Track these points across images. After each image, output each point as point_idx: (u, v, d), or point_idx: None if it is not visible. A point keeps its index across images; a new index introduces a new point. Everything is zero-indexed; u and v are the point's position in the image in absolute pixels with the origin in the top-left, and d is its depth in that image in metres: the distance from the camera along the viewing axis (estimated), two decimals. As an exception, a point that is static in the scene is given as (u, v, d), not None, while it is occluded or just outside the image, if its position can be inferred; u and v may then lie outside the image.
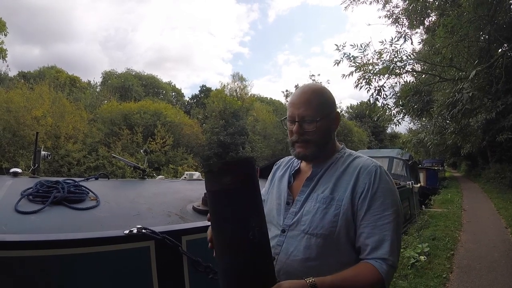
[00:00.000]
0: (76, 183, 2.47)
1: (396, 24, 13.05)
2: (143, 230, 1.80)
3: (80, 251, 1.64)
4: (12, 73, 45.60)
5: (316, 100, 1.49)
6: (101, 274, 1.70)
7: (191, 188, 3.19)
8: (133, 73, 57.57)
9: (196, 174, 3.88)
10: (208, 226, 2.15)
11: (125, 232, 1.77)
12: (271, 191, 1.71)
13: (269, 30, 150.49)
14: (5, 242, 1.53)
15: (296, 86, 38.85)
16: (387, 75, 8.70)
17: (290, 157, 1.78)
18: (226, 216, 1.15)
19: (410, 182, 10.49)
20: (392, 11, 13.16)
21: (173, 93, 66.72)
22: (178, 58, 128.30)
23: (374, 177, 1.40)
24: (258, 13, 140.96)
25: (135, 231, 1.78)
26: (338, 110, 1.63)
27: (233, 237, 1.14)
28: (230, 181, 1.13)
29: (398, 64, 8.58)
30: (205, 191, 2.61)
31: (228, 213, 1.15)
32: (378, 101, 9.20)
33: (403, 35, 9.28)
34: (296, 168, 1.65)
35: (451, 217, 10.88)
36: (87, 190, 2.40)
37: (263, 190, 1.76)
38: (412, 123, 33.77)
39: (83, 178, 2.83)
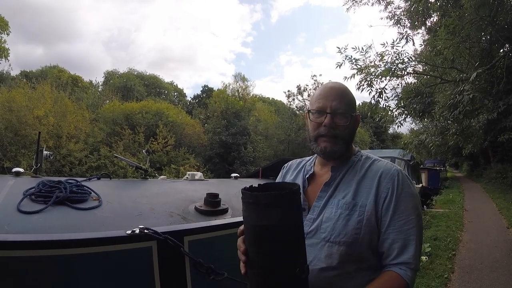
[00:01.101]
0: (78, 183, 2.47)
1: (398, 25, 13.04)
2: (145, 230, 1.80)
3: (82, 251, 1.65)
4: (15, 72, 45.76)
5: (348, 96, 1.48)
6: (104, 274, 1.71)
7: (193, 188, 3.19)
8: (135, 73, 57.69)
9: (198, 174, 3.87)
10: (211, 226, 2.17)
11: (127, 232, 1.78)
12: None
13: (271, 30, 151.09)
14: (8, 242, 1.54)
15: (298, 86, 39.22)
16: (389, 77, 8.70)
17: (299, 160, 1.74)
18: (273, 251, 1.08)
19: (411, 183, 10.49)
20: (394, 12, 13.15)
21: (175, 93, 66.76)
22: (181, 58, 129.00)
23: (397, 181, 1.37)
24: (260, 13, 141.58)
25: (137, 231, 1.79)
26: None
27: (280, 274, 1.09)
28: (279, 215, 1.06)
29: (400, 66, 8.57)
30: (206, 194, 2.63)
31: (275, 249, 1.08)
32: (380, 103, 9.20)
33: (405, 36, 9.26)
34: (311, 172, 1.58)
35: (452, 217, 10.89)
36: (89, 190, 2.41)
37: None
38: (414, 124, 33.73)
39: (85, 178, 2.84)
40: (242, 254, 1.18)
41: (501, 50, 8.55)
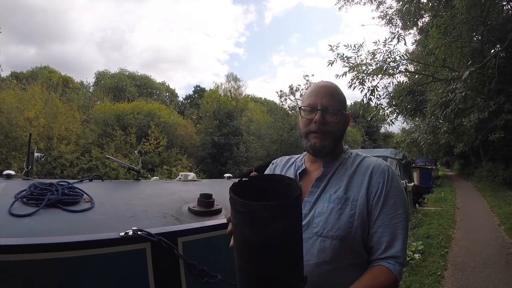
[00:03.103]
0: (70, 185, 2.44)
1: (390, 25, 13.12)
2: (139, 232, 1.78)
3: (75, 254, 1.63)
4: (6, 73, 45.29)
5: (338, 95, 1.50)
6: (97, 276, 1.69)
7: (186, 189, 3.17)
8: (127, 73, 57.38)
9: (191, 175, 3.84)
10: (205, 227, 2.15)
11: (120, 234, 1.76)
12: None
13: (265, 31, 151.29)
14: (-1, 245, 1.52)
15: (291, 86, 39.30)
16: (380, 75, 8.74)
17: (288, 157, 1.75)
18: (268, 266, 0.96)
19: (403, 181, 10.55)
20: (386, 12, 13.23)
21: (167, 94, 66.56)
22: (174, 59, 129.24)
23: (387, 177, 1.40)
24: (254, 14, 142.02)
25: (130, 233, 1.77)
26: None
27: (276, 285, 0.98)
28: (279, 228, 0.92)
29: (392, 64, 8.62)
30: (198, 194, 2.61)
31: (271, 264, 0.96)
32: (372, 101, 9.24)
33: (397, 35, 9.33)
34: (302, 168, 1.59)
35: (444, 215, 10.96)
36: (81, 192, 2.38)
37: None
38: (405, 123, 33.97)
39: (77, 180, 2.80)
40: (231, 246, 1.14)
41: (492, 50, 8.64)
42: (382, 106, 9.79)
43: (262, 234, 0.92)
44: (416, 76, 9.72)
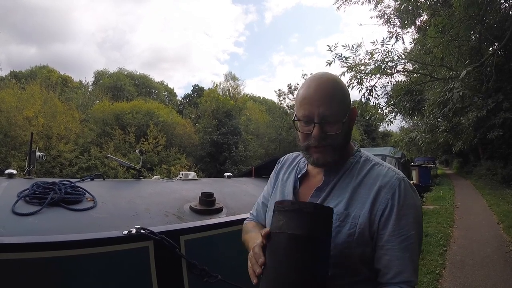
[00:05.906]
0: (73, 184, 2.46)
1: (388, 24, 13.12)
2: (142, 231, 1.80)
3: (79, 253, 1.64)
4: (5, 72, 45.20)
5: (338, 95, 1.25)
6: (101, 274, 1.71)
7: (187, 188, 3.20)
8: (125, 72, 57.28)
9: (192, 174, 3.86)
10: (207, 225, 2.17)
11: (124, 232, 1.78)
12: (274, 196, 1.49)
13: (265, 31, 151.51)
14: (3, 244, 1.53)
15: (289, 86, 39.17)
16: (379, 75, 8.74)
17: (295, 154, 1.58)
18: (304, 265, 0.98)
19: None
20: (384, 11, 13.22)
21: (166, 93, 66.47)
22: (174, 59, 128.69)
23: (398, 192, 1.20)
24: (254, 14, 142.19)
25: (133, 231, 1.79)
26: None
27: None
28: (322, 228, 1.02)
29: (390, 64, 8.63)
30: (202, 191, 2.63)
31: (307, 263, 0.98)
32: (370, 101, 9.25)
33: (395, 35, 9.34)
34: (303, 171, 1.42)
35: (443, 213, 10.98)
36: (84, 191, 2.40)
37: (265, 192, 1.61)
38: (404, 122, 33.94)
39: (79, 179, 2.83)
40: (258, 266, 1.05)
41: (490, 49, 8.66)
42: (380, 105, 9.81)
43: (309, 229, 0.99)
44: (414, 75, 9.73)
